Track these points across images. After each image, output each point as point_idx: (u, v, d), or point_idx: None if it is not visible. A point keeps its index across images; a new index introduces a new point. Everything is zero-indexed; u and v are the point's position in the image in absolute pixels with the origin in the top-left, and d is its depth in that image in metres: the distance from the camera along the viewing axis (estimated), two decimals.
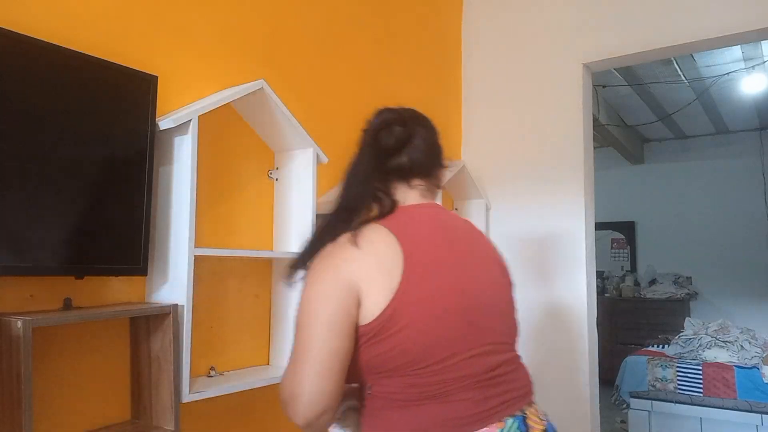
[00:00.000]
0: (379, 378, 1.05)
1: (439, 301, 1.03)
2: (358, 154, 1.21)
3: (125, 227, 1.38)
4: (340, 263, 1.05)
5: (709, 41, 2.43)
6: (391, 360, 1.01)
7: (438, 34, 2.86)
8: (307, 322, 1.02)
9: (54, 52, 1.27)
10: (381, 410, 1.05)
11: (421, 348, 1.00)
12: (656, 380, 3.69)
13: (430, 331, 1.01)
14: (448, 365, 1.02)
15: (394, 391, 1.03)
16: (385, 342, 1.00)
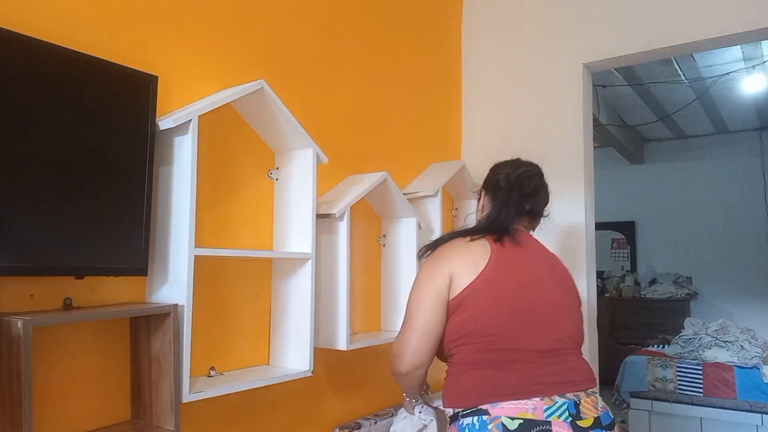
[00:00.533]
0: (457, 346, 1.38)
1: (504, 293, 1.36)
2: (505, 190, 1.55)
3: (125, 227, 1.38)
4: (444, 258, 1.44)
5: (709, 41, 2.43)
6: (465, 327, 1.36)
7: (438, 34, 2.86)
8: (415, 300, 1.42)
9: (54, 52, 1.27)
10: (455, 374, 1.38)
11: (486, 320, 1.34)
12: (656, 380, 3.69)
13: (495, 311, 1.34)
14: (507, 339, 1.31)
15: (465, 358, 1.35)
16: (462, 313, 1.36)
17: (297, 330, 1.79)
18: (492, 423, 1.23)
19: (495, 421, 1.23)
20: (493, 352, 1.31)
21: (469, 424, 1.27)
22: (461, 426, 1.29)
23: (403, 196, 2.21)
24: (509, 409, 1.24)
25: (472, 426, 1.26)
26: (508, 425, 1.22)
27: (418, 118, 2.65)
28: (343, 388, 2.14)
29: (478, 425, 1.25)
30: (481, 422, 1.24)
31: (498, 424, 1.22)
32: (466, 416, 1.29)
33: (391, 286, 2.30)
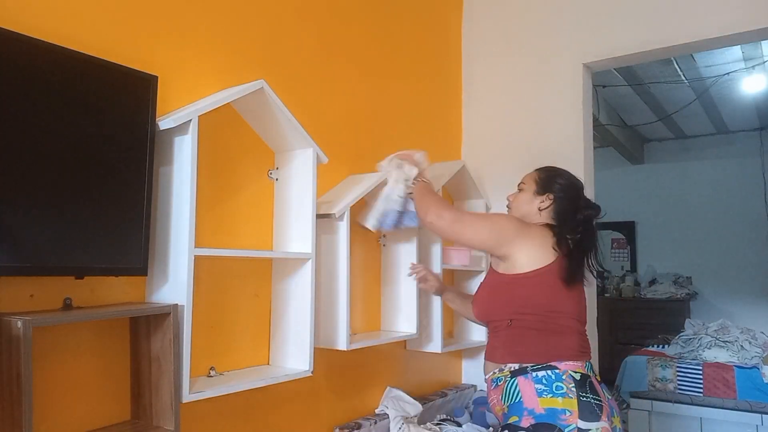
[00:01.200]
0: (521, 314, 1.66)
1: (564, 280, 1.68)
2: (572, 199, 1.82)
3: (125, 227, 1.38)
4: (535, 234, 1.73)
5: (709, 41, 2.43)
6: (535, 299, 1.66)
7: (438, 34, 2.86)
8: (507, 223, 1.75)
9: (54, 52, 1.27)
10: (518, 336, 1.66)
11: (554, 298, 1.66)
12: (656, 380, 3.69)
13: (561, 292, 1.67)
14: (565, 316, 1.67)
15: (531, 323, 1.65)
16: (535, 287, 1.66)
17: (297, 330, 1.79)
18: (564, 374, 1.58)
19: (566, 374, 1.58)
20: (556, 323, 1.65)
21: (545, 375, 1.58)
22: (536, 377, 1.59)
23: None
24: (571, 365, 1.60)
25: (548, 377, 1.58)
26: (575, 376, 1.59)
27: (418, 118, 2.65)
28: (343, 388, 2.14)
29: (554, 376, 1.58)
30: (556, 374, 1.58)
31: (569, 375, 1.58)
32: (537, 370, 1.59)
33: (391, 286, 2.30)
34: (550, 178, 1.85)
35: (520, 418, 1.55)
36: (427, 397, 2.47)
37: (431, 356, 2.58)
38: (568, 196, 1.80)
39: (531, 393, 1.57)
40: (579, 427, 1.49)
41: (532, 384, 1.58)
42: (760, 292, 5.90)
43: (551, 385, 1.56)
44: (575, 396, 1.54)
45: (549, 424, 1.50)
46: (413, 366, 2.51)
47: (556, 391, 1.55)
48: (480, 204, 2.74)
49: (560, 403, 1.53)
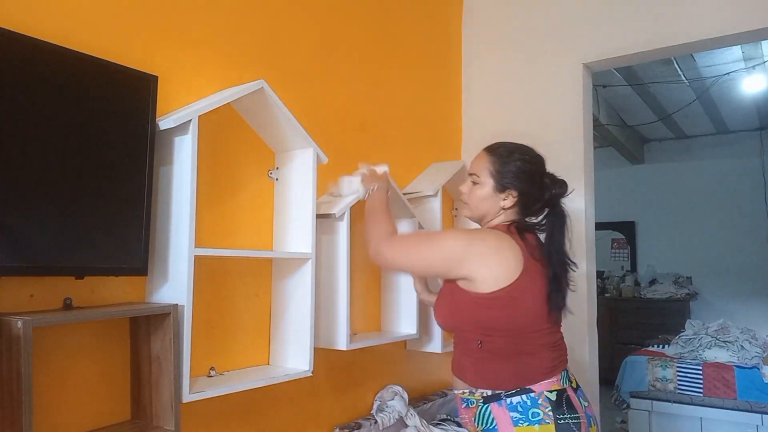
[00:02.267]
0: (489, 336, 1.51)
1: (539, 288, 1.52)
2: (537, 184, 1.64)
3: (125, 227, 1.38)
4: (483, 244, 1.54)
5: (709, 41, 2.43)
6: (511, 321, 1.50)
7: (438, 34, 2.86)
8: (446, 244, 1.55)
9: (54, 52, 1.27)
10: (490, 360, 1.53)
11: (531, 317, 1.51)
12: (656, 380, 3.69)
13: (535, 308, 1.52)
14: (538, 333, 1.52)
15: (502, 347, 1.51)
16: (507, 308, 1.49)
17: (297, 330, 1.79)
18: (540, 398, 1.48)
19: (541, 396, 1.48)
20: (527, 343, 1.52)
21: (520, 402, 1.48)
22: (511, 405, 1.49)
23: (403, 196, 2.21)
24: (545, 384, 1.50)
25: (524, 403, 1.48)
26: (550, 396, 1.49)
27: (418, 118, 2.65)
28: (343, 388, 2.14)
29: (529, 401, 1.48)
30: (531, 399, 1.48)
31: (545, 398, 1.48)
32: (512, 395, 1.49)
33: (391, 286, 2.30)
34: (507, 166, 1.61)
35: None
36: (427, 397, 2.47)
37: (431, 356, 2.58)
38: (532, 183, 1.61)
39: (506, 422, 1.48)
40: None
41: (506, 412, 1.48)
42: (760, 292, 5.90)
43: (527, 412, 1.47)
44: (552, 420, 1.46)
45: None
46: (413, 366, 2.51)
47: (533, 418, 1.46)
48: None
49: (536, 431, 1.45)
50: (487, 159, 1.64)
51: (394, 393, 2.24)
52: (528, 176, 1.61)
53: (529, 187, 1.61)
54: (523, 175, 1.61)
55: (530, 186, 1.61)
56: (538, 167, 1.64)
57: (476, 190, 1.64)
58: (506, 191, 1.60)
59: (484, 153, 1.66)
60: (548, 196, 1.62)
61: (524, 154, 1.63)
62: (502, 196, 1.61)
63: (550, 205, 1.63)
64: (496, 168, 1.61)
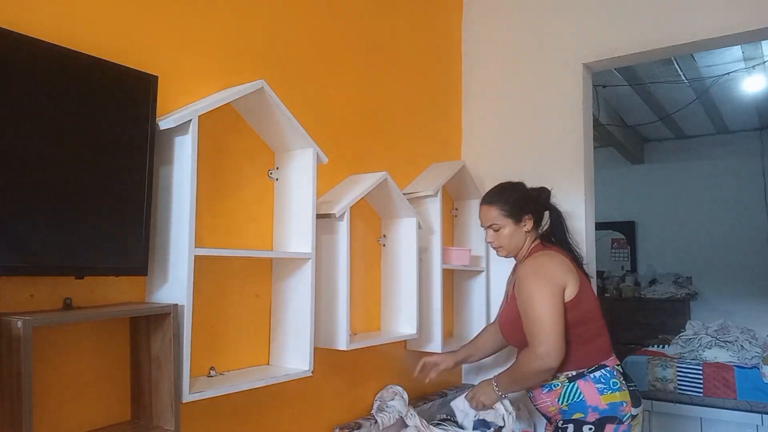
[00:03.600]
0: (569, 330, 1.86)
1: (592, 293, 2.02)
2: (535, 199, 2.06)
3: (125, 227, 1.38)
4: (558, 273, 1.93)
5: (709, 41, 2.43)
6: (581, 317, 1.89)
7: (438, 34, 2.86)
8: (549, 311, 1.84)
9: (54, 52, 1.27)
10: (568, 347, 1.84)
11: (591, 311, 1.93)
12: (656, 380, 3.69)
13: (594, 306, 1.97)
14: (598, 319, 1.94)
15: (578, 336, 1.87)
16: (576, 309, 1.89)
17: (297, 330, 1.79)
18: (614, 370, 1.86)
19: (615, 369, 1.86)
20: (593, 329, 1.91)
21: (602, 375, 1.84)
22: (595, 378, 1.84)
23: (403, 196, 2.21)
24: (612, 360, 1.89)
25: (603, 375, 1.84)
26: (619, 369, 1.88)
27: (418, 118, 2.65)
28: (343, 388, 2.14)
29: (608, 374, 1.84)
30: (609, 372, 1.85)
31: (617, 370, 1.86)
32: (593, 371, 1.85)
33: (391, 286, 2.30)
34: (509, 202, 2.01)
35: (585, 414, 1.80)
36: (427, 397, 2.48)
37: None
38: (529, 201, 2.02)
39: (593, 392, 1.81)
40: (632, 413, 1.79)
41: (593, 384, 1.83)
42: (760, 292, 5.90)
43: (608, 382, 1.82)
44: (626, 387, 1.83)
45: (611, 416, 1.78)
46: (413, 366, 2.51)
47: (614, 387, 1.82)
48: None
49: (618, 397, 1.80)
50: (493, 207, 2.04)
51: (394, 393, 2.24)
52: (523, 197, 2.02)
53: (531, 205, 2.01)
54: (522, 199, 2.02)
55: (531, 203, 2.01)
56: (522, 187, 2.07)
57: (502, 232, 2.02)
58: (523, 218, 2.00)
59: (487, 205, 2.06)
60: (542, 202, 2.02)
61: (510, 187, 2.07)
62: (522, 224, 2.01)
63: (547, 208, 2.03)
64: (506, 208, 2.01)
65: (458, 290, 2.77)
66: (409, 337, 2.24)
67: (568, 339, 1.84)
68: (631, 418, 1.78)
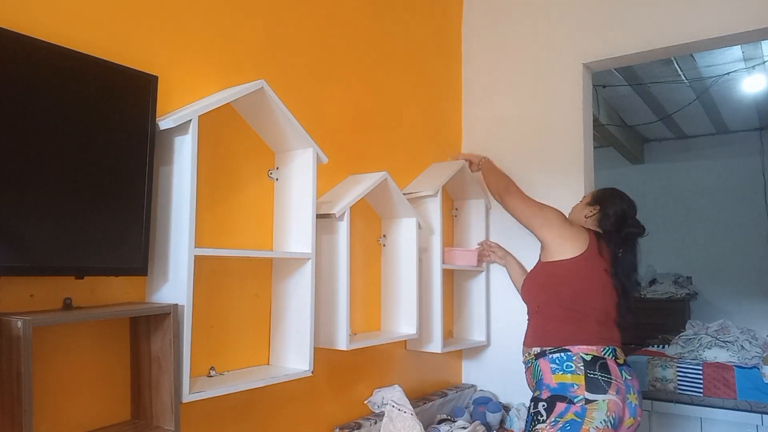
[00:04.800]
0: (547, 302, 2.00)
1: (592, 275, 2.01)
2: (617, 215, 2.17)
3: (125, 227, 1.38)
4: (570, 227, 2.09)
5: (709, 41, 2.43)
6: (561, 287, 1.99)
7: (438, 34, 2.86)
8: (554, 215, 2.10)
9: (54, 52, 1.27)
10: (543, 324, 1.99)
11: (577, 295, 1.97)
12: (656, 380, 3.69)
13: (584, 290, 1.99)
14: (586, 307, 1.95)
15: (555, 312, 1.97)
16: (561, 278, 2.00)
17: (297, 330, 1.79)
18: (575, 356, 1.86)
19: (576, 356, 1.86)
20: (573, 315, 1.93)
21: (558, 357, 1.88)
22: (551, 359, 1.88)
23: (403, 196, 2.21)
24: (584, 348, 1.88)
25: (560, 358, 1.87)
26: (585, 357, 1.86)
27: (418, 118, 2.65)
28: (343, 388, 2.14)
29: (565, 357, 1.87)
30: (567, 355, 1.87)
31: (579, 357, 1.86)
32: (553, 353, 1.89)
33: (391, 286, 2.30)
34: (605, 194, 2.18)
35: (540, 392, 1.86)
36: (427, 397, 2.48)
37: (431, 356, 2.58)
38: (613, 212, 2.12)
39: (547, 371, 1.88)
40: (586, 397, 1.78)
41: (548, 364, 1.89)
42: (760, 292, 5.90)
43: (562, 364, 1.87)
44: (582, 373, 1.83)
45: (561, 395, 1.82)
46: (413, 366, 2.51)
47: (566, 369, 1.86)
48: (480, 204, 2.74)
49: (569, 378, 1.83)
50: (598, 189, 2.28)
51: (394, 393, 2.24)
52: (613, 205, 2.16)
53: (610, 214, 2.12)
54: (610, 203, 2.16)
55: (611, 213, 2.12)
56: (625, 207, 2.19)
57: (577, 206, 2.24)
58: (594, 205, 2.16)
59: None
60: (623, 234, 2.09)
61: (622, 196, 2.24)
62: (589, 209, 2.16)
63: (624, 240, 2.09)
64: (598, 193, 2.23)
65: (458, 290, 2.77)
66: (409, 337, 2.24)
67: (543, 311, 2.00)
68: (584, 401, 1.77)
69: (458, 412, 2.49)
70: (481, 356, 2.79)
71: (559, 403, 1.80)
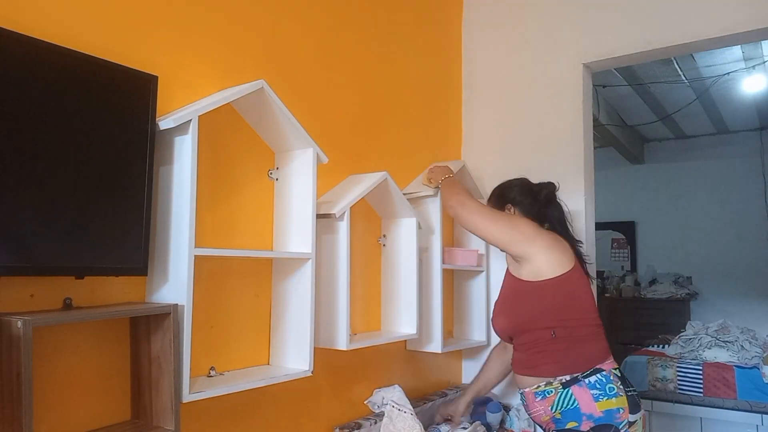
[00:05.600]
0: (564, 323, 1.79)
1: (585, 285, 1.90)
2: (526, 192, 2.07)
3: (125, 227, 1.38)
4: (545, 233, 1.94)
5: (709, 41, 2.43)
6: (572, 307, 1.81)
7: (438, 34, 2.86)
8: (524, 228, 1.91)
9: (54, 52, 1.27)
10: (567, 348, 1.79)
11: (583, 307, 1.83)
12: (656, 380, 3.69)
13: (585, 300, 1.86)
14: (595, 318, 1.84)
15: (577, 332, 1.79)
16: (567, 294, 1.82)
17: (297, 330, 1.79)
18: (610, 374, 1.75)
19: (611, 374, 1.75)
20: (588, 329, 1.80)
21: (597, 380, 1.73)
22: (590, 383, 1.73)
23: (403, 196, 2.21)
24: (609, 363, 1.78)
25: (599, 380, 1.73)
26: (616, 373, 1.77)
27: (418, 118, 2.65)
28: (343, 388, 2.14)
29: (604, 379, 1.73)
30: (605, 377, 1.73)
31: (614, 375, 1.76)
32: (588, 376, 1.74)
33: (391, 286, 2.30)
34: (500, 193, 2.07)
35: (579, 423, 1.70)
36: (427, 397, 2.48)
37: (431, 356, 2.58)
38: (521, 192, 2.01)
39: (588, 399, 1.71)
40: (629, 420, 1.69)
41: (587, 391, 1.72)
42: (760, 292, 5.91)
43: (604, 387, 1.72)
44: (624, 393, 1.72)
45: (607, 425, 1.67)
46: (413, 366, 2.51)
47: (610, 392, 1.71)
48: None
49: (615, 403, 1.69)
50: (489, 201, 2.14)
51: (394, 393, 2.24)
52: (518, 188, 2.03)
53: (520, 194, 2.00)
54: (514, 190, 2.03)
55: (520, 193, 2.01)
56: (525, 183, 2.06)
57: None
58: (504, 207, 2.03)
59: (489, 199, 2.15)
60: (542, 198, 1.97)
61: (512, 182, 2.09)
62: (508, 209, 2.02)
63: (548, 203, 1.97)
64: (494, 199, 2.11)
65: (458, 290, 2.78)
66: (409, 337, 2.24)
67: (563, 334, 1.78)
68: (628, 425, 1.68)
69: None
70: (481, 356, 2.79)
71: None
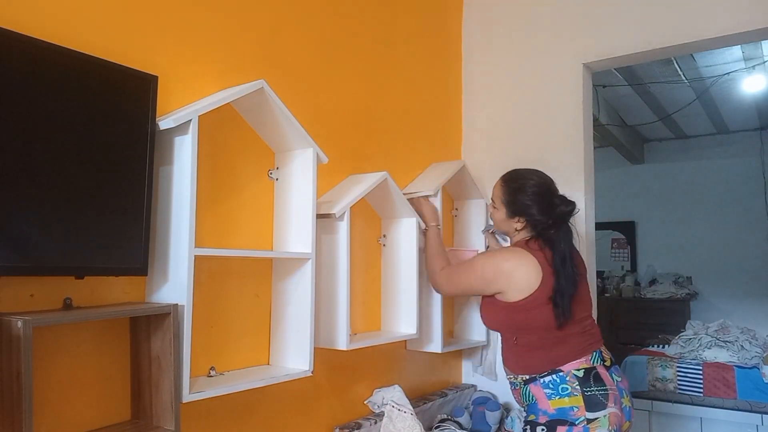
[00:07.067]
0: (523, 334, 1.87)
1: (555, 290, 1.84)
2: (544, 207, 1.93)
3: (125, 227, 1.38)
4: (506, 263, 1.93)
5: (709, 41, 2.43)
6: (534, 323, 1.83)
7: (438, 34, 2.86)
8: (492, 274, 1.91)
9: (54, 52, 1.27)
10: (526, 352, 1.87)
11: (551, 320, 1.81)
12: (656, 380, 3.69)
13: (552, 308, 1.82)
14: (563, 329, 1.81)
15: (533, 342, 1.85)
16: (529, 311, 1.83)
17: (297, 330, 1.79)
18: (568, 375, 1.79)
19: (569, 374, 1.79)
20: (554, 336, 1.82)
21: (551, 380, 1.79)
22: (544, 383, 1.80)
23: (403, 196, 2.21)
24: (573, 364, 1.80)
25: (553, 380, 1.79)
26: (577, 374, 1.78)
27: (418, 118, 2.65)
28: (343, 388, 2.14)
29: (558, 379, 1.79)
30: (560, 377, 1.79)
31: (572, 375, 1.78)
32: (544, 376, 1.81)
33: (391, 286, 2.30)
34: (516, 195, 1.94)
35: (537, 416, 1.80)
36: (427, 397, 2.48)
37: (431, 356, 2.58)
38: (540, 208, 1.90)
39: (542, 397, 1.81)
40: (587, 417, 1.73)
41: (541, 389, 1.81)
42: (760, 292, 5.91)
43: (557, 388, 1.79)
44: (579, 393, 1.76)
45: (561, 420, 1.75)
46: (413, 366, 2.51)
47: (562, 392, 1.78)
48: (480, 204, 2.74)
49: (567, 402, 1.76)
50: (501, 188, 2.00)
51: (394, 393, 2.24)
52: (535, 202, 1.91)
53: (537, 212, 1.90)
54: (531, 203, 1.91)
55: (538, 210, 1.90)
56: (546, 192, 1.93)
57: (495, 214, 2.04)
58: (516, 217, 1.95)
59: (500, 182, 2.02)
60: (555, 216, 1.88)
61: (534, 185, 1.94)
62: (513, 220, 1.96)
63: (558, 223, 1.88)
64: (508, 198, 1.97)
65: None
66: (409, 337, 2.24)
67: (522, 341, 1.88)
68: (586, 421, 1.72)
69: (458, 412, 2.49)
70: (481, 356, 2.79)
71: (560, 427, 1.73)
